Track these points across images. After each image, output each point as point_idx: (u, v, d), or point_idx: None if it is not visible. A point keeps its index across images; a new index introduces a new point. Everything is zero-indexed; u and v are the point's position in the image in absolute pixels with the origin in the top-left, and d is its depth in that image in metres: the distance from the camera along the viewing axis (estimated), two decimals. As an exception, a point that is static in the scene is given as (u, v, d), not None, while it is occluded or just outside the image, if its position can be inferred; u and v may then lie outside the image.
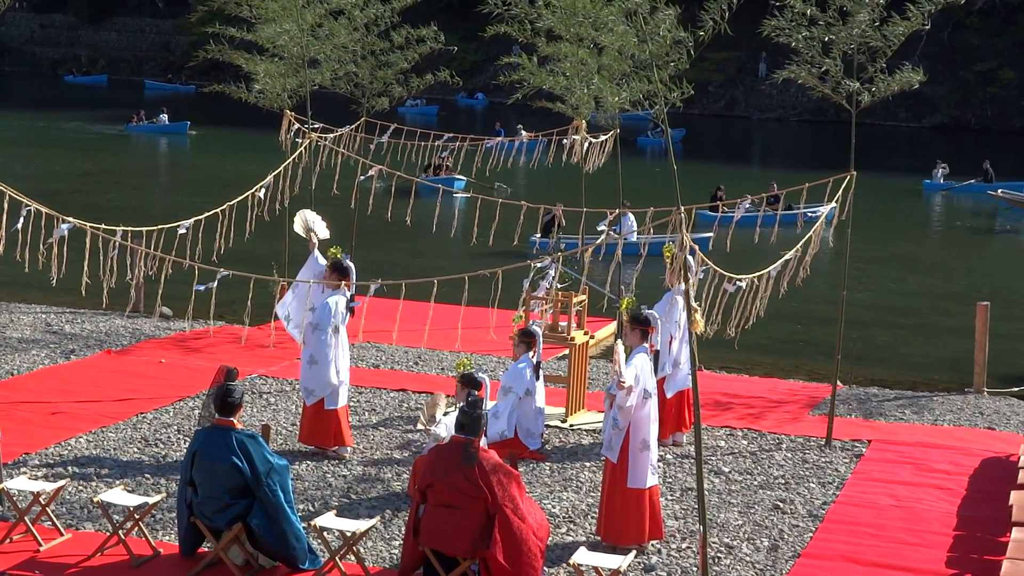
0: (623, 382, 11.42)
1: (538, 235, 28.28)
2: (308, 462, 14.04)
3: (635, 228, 27.63)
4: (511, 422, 14.38)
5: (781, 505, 13.21)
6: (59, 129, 58.02)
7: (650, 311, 12.50)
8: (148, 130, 57.15)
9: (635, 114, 15.13)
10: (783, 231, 17.71)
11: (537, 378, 14.52)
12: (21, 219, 12.36)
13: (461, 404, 12.38)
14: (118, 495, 11.55)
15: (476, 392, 12.48)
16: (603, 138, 20.08)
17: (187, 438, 14.40)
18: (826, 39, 14.30)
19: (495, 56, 39.26)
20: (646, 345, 12.06)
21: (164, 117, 57.88)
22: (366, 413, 15.92)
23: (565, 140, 20.54)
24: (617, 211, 18.55)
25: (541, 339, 14.82)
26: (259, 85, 20.32)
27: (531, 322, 15.17)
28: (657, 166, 49.38)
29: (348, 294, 14.46)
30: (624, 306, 12.67)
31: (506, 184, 36.22)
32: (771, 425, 16.11)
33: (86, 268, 12.77)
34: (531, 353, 14.64)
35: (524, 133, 23.01)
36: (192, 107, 64.93)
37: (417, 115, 65.76)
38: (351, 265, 14.54)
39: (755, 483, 13.93)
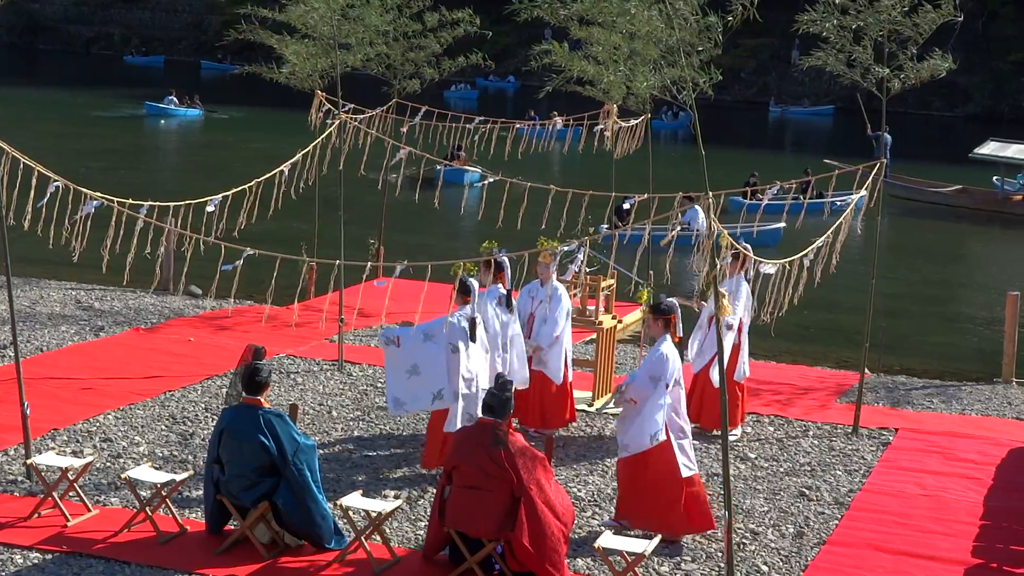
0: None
1: (606, 226, 27.14)
2: (335, 442, 14.07)
3: (702, 220, 24.19)
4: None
5: (807, 492, 13.19)
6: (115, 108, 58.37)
7: (671, 300, 12.46)
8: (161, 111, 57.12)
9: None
10: (811, 219, 17.63)
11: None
12: (48, 195, 12.39)
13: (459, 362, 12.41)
14: (146, 472, 11.61)
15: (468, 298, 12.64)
16: (634, 122, 20.02)
17: (214, 416, 14.46)
18: (854, 26, 14.23)
19: (527, 39, 39.11)
20: (668, 335, 12.06)
21: (173, 99, 57.69)
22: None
23: (596, 127, 20.46)
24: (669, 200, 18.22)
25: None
26: (289, 66, 20.30)
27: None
28: (672, 150, 49.15)
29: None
30: (643, 298, 12.59)
31: (537, 171, 35.86)
32: (798, 412, 16.08)
33: (108, 245, 12.78)
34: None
35: (559, 119, 22.80)
36: (231, 88, 64.98)
37: (459, 99, 65.70)
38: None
39: (781, 470, 13.91)
